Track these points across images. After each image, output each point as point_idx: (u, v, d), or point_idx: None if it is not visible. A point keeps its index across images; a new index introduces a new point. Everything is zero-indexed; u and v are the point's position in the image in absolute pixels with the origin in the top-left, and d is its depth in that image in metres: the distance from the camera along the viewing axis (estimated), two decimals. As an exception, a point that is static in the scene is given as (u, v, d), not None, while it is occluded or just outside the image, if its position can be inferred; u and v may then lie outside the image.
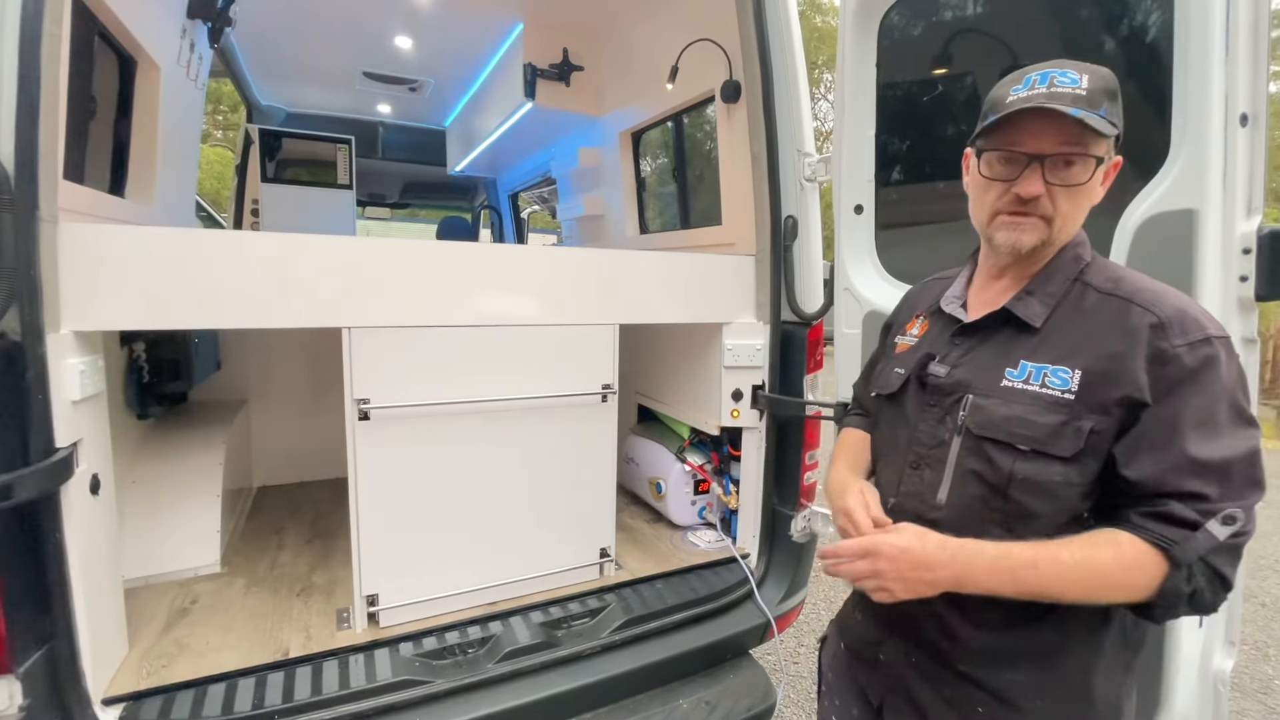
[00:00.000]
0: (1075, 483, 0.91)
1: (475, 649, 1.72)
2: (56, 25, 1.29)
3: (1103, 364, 0.89)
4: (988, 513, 0.96)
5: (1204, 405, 0.85)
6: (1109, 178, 0.96)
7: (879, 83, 1.90)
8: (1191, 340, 0.86)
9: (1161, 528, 0.85)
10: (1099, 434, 0.89)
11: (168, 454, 2.19)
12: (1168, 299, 0.90)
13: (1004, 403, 0.95)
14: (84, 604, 1.35)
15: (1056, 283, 0.98)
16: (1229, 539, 0.83)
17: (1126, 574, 0.85)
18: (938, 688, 1.02)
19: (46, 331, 1.27)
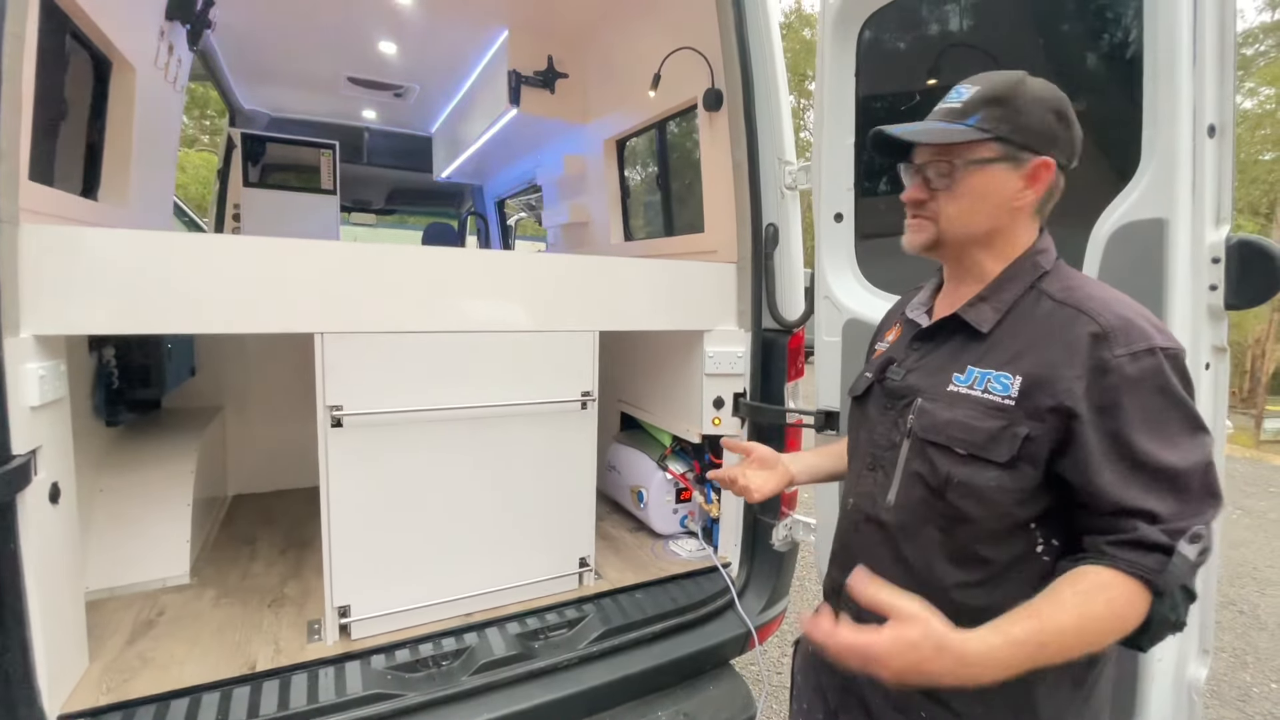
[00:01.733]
0: (1009, 488, 0.91)
1: (450, 661, 1.68)
2: (19, 26, 1.26)
3: (1041, 370, 0.90)
4: (928, 514, 0.98)
5: (1152, 416, 0.85)
6: (1038, 178, 0.96)
7: (858, 92, 1.92)
8: (1134, 350, 0.85)
9: (1138, 556, 0.83)
10: (1034, 440, 0.89)
11: (138, 462, 2.14)
12: (1114, 308, 0.90)
13: (947, 406, 0.97)
14: (40, 616, 1.31)
15: (1011, 290, 0.98)
16: (1198, 557, 0.82)
17: (1121, 620, 0.82)
18: (886, 693, 1.02)
19: (4, 335, 1.23)
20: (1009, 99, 0.95)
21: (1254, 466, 7.41)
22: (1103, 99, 1.51)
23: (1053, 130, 0.95)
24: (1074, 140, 0.97)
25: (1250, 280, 1.17)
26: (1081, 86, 1.56)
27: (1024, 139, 0.94)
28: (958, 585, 0.96)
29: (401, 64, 3.76)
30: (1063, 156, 0.97)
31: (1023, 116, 0.94)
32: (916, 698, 0.99)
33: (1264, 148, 13.64)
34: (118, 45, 2.10)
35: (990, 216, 0.98)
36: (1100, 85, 1.52)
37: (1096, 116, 1.54)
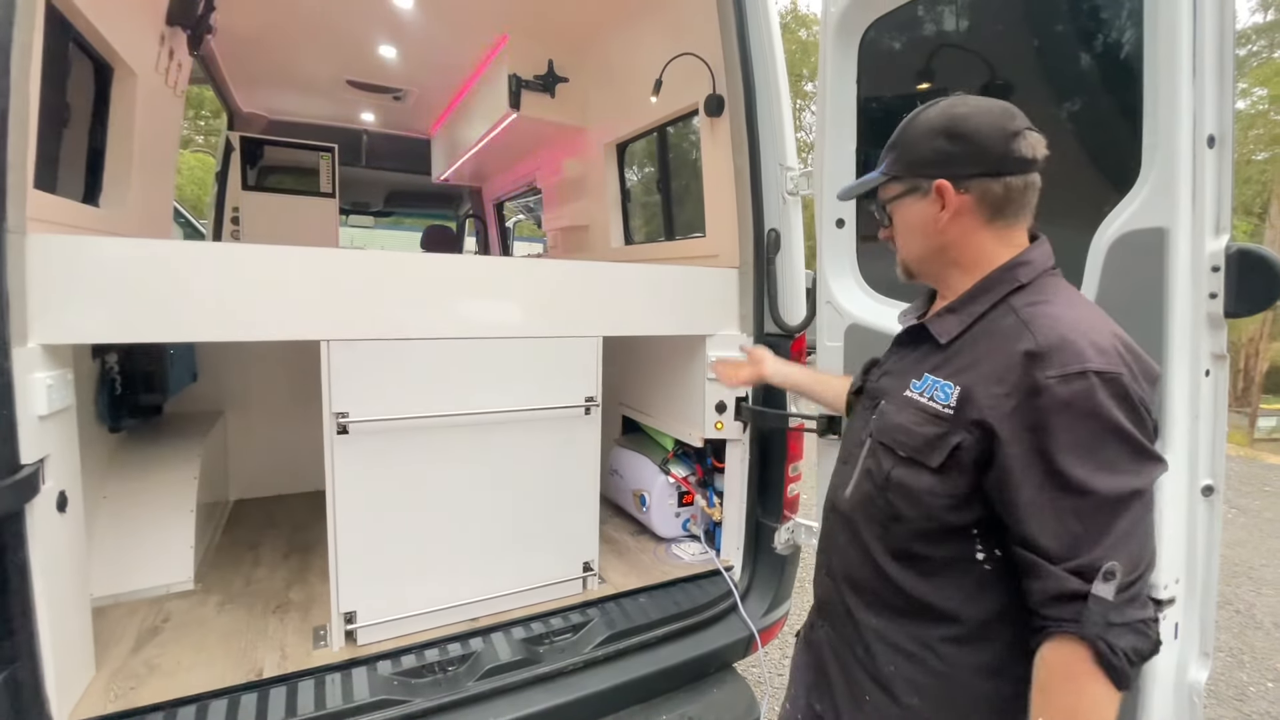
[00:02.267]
0: (939, 493, 0.94)
1: (455, 666, 1.69)
2: (27, 34, 1.27)
3: (975, 384, 0.92)
4: (871, 509, 1.04)
5: (1080, 442, 0.83)
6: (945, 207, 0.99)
7: (860, 97, 1.93)
8: (1066, 372, 0.83)
9: (1056, 610, 0.83)
10: (963, 450, 0.91)
11: (141, 468, 2.14)
12: (1059, 327, 0.88)
13: (899, 410, 1.02)
14: (48, 625, 1.31)
15: (982, 302, 0.99)
16: (1118, 594, 0.80)
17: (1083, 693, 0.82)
18: (844, 668, 1.10)
19: (13, 345, 1.24)
20: (899, 140, 1.05)
21: (1248, 465, 7.46)
22: (1102, 106, 1.53)
23: (943, 152, 0.99)
24: (978, 149, 0.97)
25: (1250, 288, 1.19)
26: (1080, 93, 1.58)
27: (914, 170, 1.02)
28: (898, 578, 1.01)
29: (401, 67, 3.76)
30: (969, 168, 0.97)
31: (910, 151, 1.02)
32: (867, 684, 1.05)
33: (1257, 148, 13.72)
34: (120, 51, 2.10)
35: (925, 241, 1.04)
36: (1099, 92, 1.53)
37: (1095, 123, 1.56)
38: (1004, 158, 0.96)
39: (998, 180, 0.97)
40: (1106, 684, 0.81)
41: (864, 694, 1.05)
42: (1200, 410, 1.25)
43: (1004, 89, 1.70)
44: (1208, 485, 1.28)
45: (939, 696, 0.97)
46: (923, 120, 1.02)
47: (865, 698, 1.05)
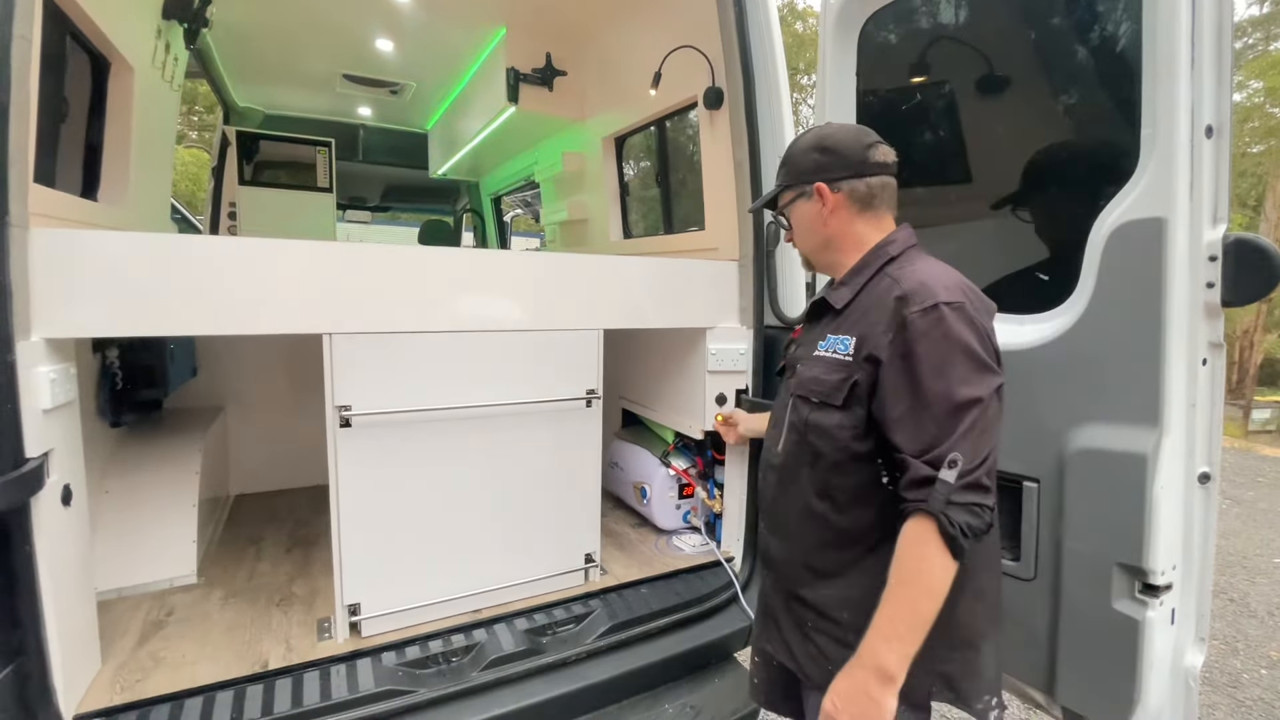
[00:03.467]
0: (845, 426, 1.16)
1: (459, 657, 1.70)
2: (27, 28, 1.26)
3: (866, 330, 1.15)
4: (800, 454, 1.24)
5: (929, 360, 1.05)
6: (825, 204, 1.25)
7: (859, 90, 1.93)
8: (924, 306, 1.07)
9: (911, 493, 1.05)
10: (859, 385, 1.14)
11: (142, 463, 2.14)
12: (917, 275, 1.13)
13: (810, 367, 1.24)
14: (55, 618, 1.32)
15: (864, 274, 1.24)
16: (959, 481, 1.01)
17: (926, 553, 1.02)
18: (787, 608, 1.29)
19: (16, 339, 1.24)
20: (788, 159, 1.33)
21: (1242, 457, 7.51)
22: (1099, 98, 1.54)
23: (816, 163, 1.26)
24: (843, 157, 1.24)
25: (1246, 278, 1.20)
26: (1077, 85, 1.59)
27: (798, 179, 1.29)
28: (809, 514, 1.22)
29: (398, 61, 3.74)
30: (838, 172, 1.24)
31: (793, 165, 1.31)
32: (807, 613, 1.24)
33: (1252, 140, 13.75)
34: (116, 45, 2.09)
35: (815, 234, 1.30)
36: (1096, 84, 1.54)
37: (1092, 114, 1.57)
38: (864, 163, 1.24)
39: (861, 180, 1.24)
40: (944, 551, 1.01)
41: (805, 621, 1.25)
42: (1197, 399, 1.26)
43: (1001, 81, 1.71)
44: (1204, 473, 1.30)
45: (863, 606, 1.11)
46: (801, 142, 1.32)
47: (808, 624, 1.24)
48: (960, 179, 1.87)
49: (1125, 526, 1.29)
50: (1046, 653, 1.46)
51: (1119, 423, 1.31)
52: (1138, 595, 1.31)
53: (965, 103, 1.79)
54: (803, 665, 1.26)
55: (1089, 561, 1.37)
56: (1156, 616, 1.28)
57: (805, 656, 1.25)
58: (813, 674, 1.24)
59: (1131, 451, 1.28)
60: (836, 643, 1.19)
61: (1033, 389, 1.45)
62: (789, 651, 1.29)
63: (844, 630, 1.18)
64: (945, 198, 1.91)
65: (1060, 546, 1.43)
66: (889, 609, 1.04)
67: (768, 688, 1.45)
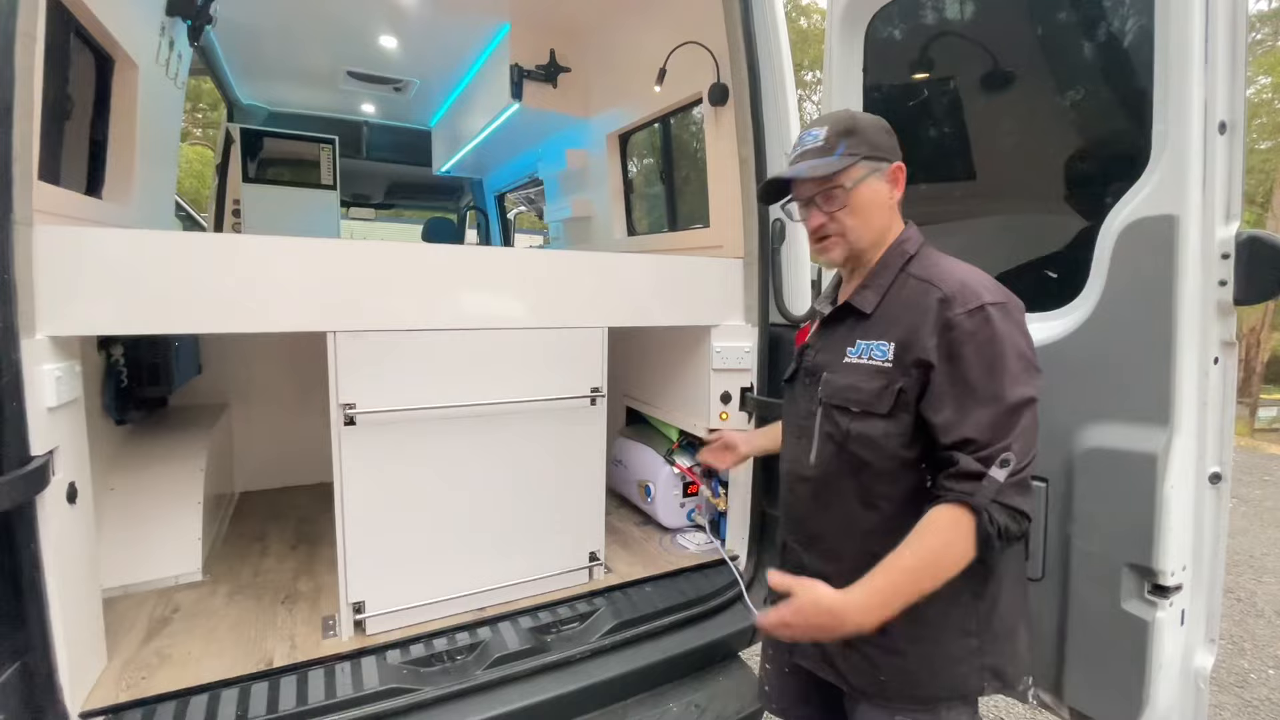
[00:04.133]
0: (893, 434, 1.12)
1: (464, 655, 1.70)
2: (31, 25, 1.26)
3: (907, 335, 1.11)
4: (839, 467, 1.19)
5: (981, 361, 1.04)
6: (897, 179, 1.21)
7: (865, 85, 1.92)
8: (970, 308, 1.06)
9: (957, 484, 1.03)
10: (905, 392, 1.10)
11: (147, 460, 2.14)
12: (954, 276, 1.11)
13: (843, 374, 1.19)
14: (60, 616, 1.32)
15: (886, 275, 1.20)
16: (1009, 479, 1.00)
17: (953, 543, 1.01)
18: None
19: (21, 337, 1.24)
20: (857, 129, 1.20)
21: (1249, 455, 7.47)
22: (1107, 94, 1.52)
23: (891, 143, 1.21)
24: (897, 147, 1.22)
25: (1259, 276, 1.19)
26: (1086, 81, 1.57)
27: (879, 153, 1.19)
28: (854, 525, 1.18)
29: (402, 58, 3.73)
30: (897, 157, 1.21)
31: (870, 137, 1.19)
32: None
33: (1260, 137, 13.66)
34: (120, 42, 2.09)
35: (881, 218, 1.21)
36: (1105, 80, 1.52)
37: (1101, 111, 1.55)
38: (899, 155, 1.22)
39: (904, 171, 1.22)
40: (972, 546, 1.01)
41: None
42: (1209, 398, 1.25)
43: (1008, 77, 1.69)
44: (1215, 473, 1.28)
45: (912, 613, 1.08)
46: (866, 117, 1.23)
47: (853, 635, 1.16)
48: (967, 175, 1.86)
49: (1135, 526, 1.28)
50: (1054, 653, 1.45)
51: (1129, 422, 1.30)
52: (1147, 596, 1.29)
53: (972, 99, 1.78)
54: (847, 676, 1.22)
55: (1098, 562, 1.36)
56: (1166, 617, 1.27)
57: (850, 668, 1.21)
58: (858, 683, 1.20)
59: (1142, 451, 1.26)
60: (887, 652, 1.15)
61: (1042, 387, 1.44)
62: (828, 664, 1.24)
63: (894, 639, 1.13)
64: (952, 194, 1.89)
65: (1069, 546, 1.41)
66: (892, 578, 1.02)
67: (779, 694, 1.44)
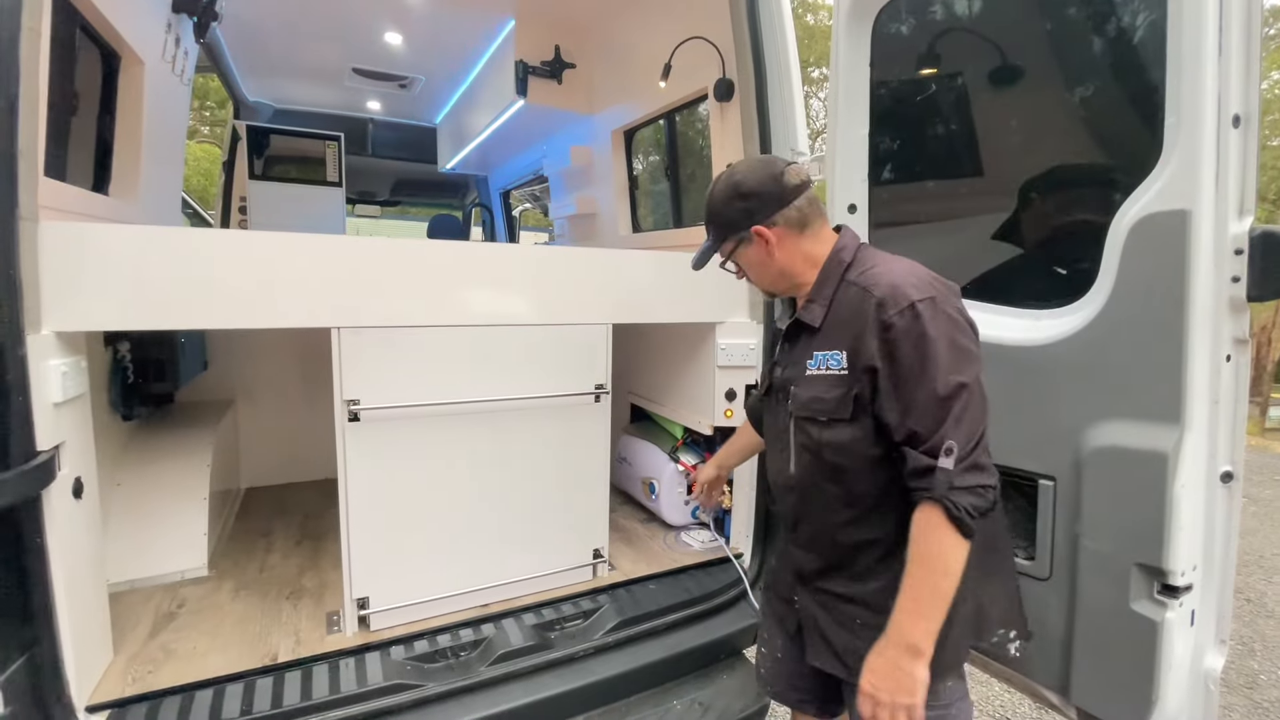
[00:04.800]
0: (859, 437, 1.18)
1: (467, 652, 1.70)
2: (36, 20, 1.26)
3: (855, 342, 1.17)
4: (818, 474, 1.26)
5: (915, 357, 1.09)
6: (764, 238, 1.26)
7: (872, 81, 1.90)
8: (900, 308, 1.11)
9: (916, 482, 1.09)
10: (861, 396, 1.16)
11: (154, 456, 2.15)
12: (886, 278, 1.16)
13: (807, 387, 1.25)
14: (67, 610, 1.32)
15: (828, 287, 1.26)
16: (958, 465, 1.06)
17: (940, 539, 1.07)
18: (831, 613, 1.30)
19: (27, 332, 1.24)
20: (710, 216, 1.33)
21: (1259, 455, 7.40)
22: (1117, 89, 1.50)
23: (743, 210, 1.27)
24: (764, 196, 1.25)
25: (1273, 272, 1.17)
26: (1095, 76, 1.55)
27: (733, 231, 1.30)
28: (843, 524, 1.25)
29: (407, 55, 3.73)
30: (766, 211, 1.25)
31: (721, 219, 1.31)
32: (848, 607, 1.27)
33: (1272, 134, 13.51)
34: (127, 39, 2.09)
35: (769, 270, 1.31)
36: (1115, 74, 1.50)
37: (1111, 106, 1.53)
38: (782, 192, 1.26)
39: (789, 208, 1.26)
40: (954, 533, 1.06)
41: (855, 618, 1.26)
42: (1220, 396, 1.23)
43: (1017, 72, 1.67)
44: (1227, 472, 1.26)
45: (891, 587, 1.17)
46: (717, 195, 1.32)
47: (857, 620, 1.26)
48: (974, 172, 1.84)
49: (1145, 526, 1.26)
50: (1061, 653, 1.44)
51: (1139, 420, 1.28)
52: (1156, 596, 1.28)
53: (981, 94, 1.76)
54: (849, 665, 1.25)
55: (1107, 561, 1.34)
56: (1176, 618, 1.26)
57: (853, 655, 1.23)
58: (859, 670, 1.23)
59: (1152, 450, 1.25)
60: None
61: (1049, 386, 1.43)
62: (833, 655, 1.29)
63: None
64: (958, 191, 1.87)
65: (1077, 546, 1.40)
66: (911, 590, 1.09)
67: (774, 678, 1.52)
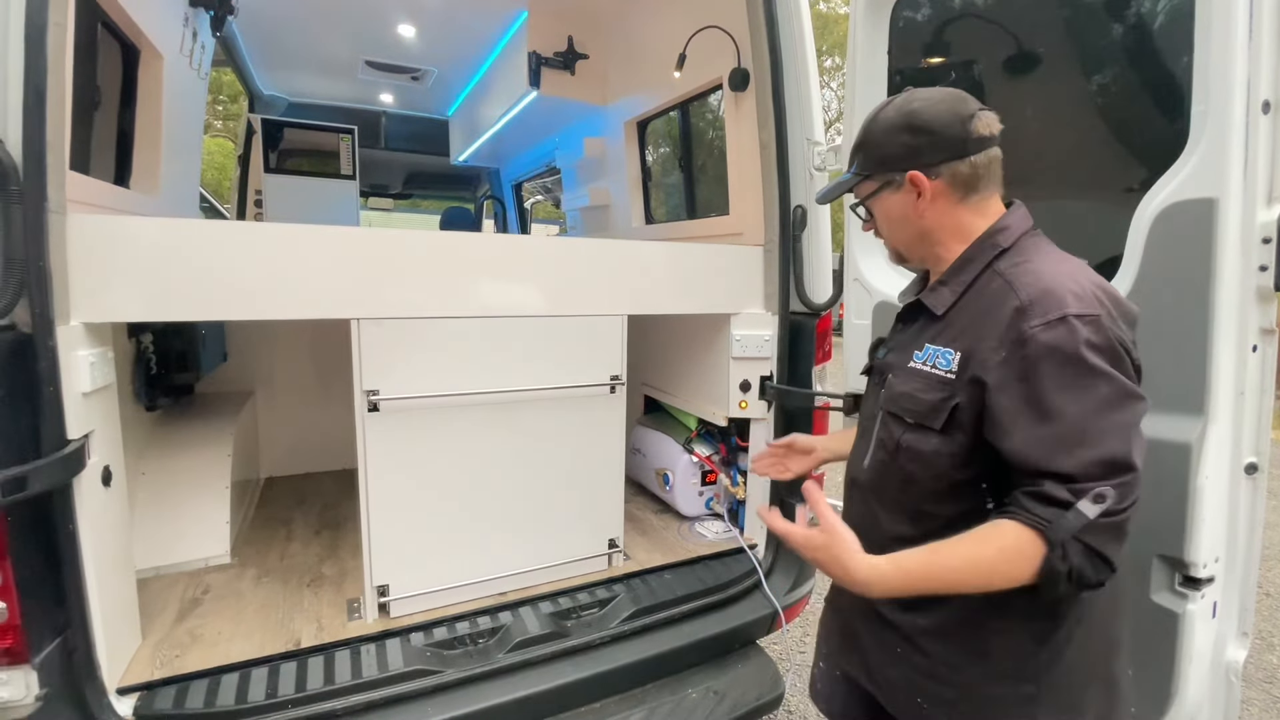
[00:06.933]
0: (944, 453, 1.01)
1: (485, 639, 1.73)
2: (61, 15, 1.27)
3: (972, 345, 0.99)
4: (888, 475, 1.11)
5: (1064, 381, 0.89)
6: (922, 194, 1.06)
7: (889, 70, 1.88)
8: (1048, 319, 0.90)
9: (1038, 507, 0.89)
10: (962, 410, 0.98)
11: (176, 446, 2.19)
12: (1041, 281, 0.95)
13: (905, 380, 1.09)
14: (97, 595, 1.36)
15: (969, 271, 1.06)
16: (1100, 517, 0.86)
17: (1010, 565, 0.90)
18: (871, 629, 1.18)
19: (56, 323, 1.26)
20: (864, 142, 1.12)
21: (1278, 448, 7.28)
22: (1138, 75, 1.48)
23: (908, 146, 1.06)
24: (940, 137, 1.04)
25: (1303, 261, 1.15)
26: (1115, 63, 1.52)
27: (886, 167, 1.09)
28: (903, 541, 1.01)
29: (420, 46, 3.73)
30: (936, 156, 1.04)
31: (878, 150, 1.10)
32: (896, 639, 1.13)
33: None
34: (146, 33, 2.11)
35: (908, 228, 1.11)
36: (1135, 61, 1.47)
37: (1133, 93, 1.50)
38: (964, 140, 1.03)
39: (963, 161, 1.04)
40: (1029, 575, 0.89)
41: (895, 646, 1.13)
42: (1246, 387, 1.22)
43: (1033, 60, 1.65)
44: (1251, 463, 1.25)
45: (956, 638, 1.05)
46: (883, 119, 1.10)
47: (896, 650, 1.13)
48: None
49: (1167, 518, 1.26)
50: (1080, 644, 1.43)
51: (1162, 411, 1.26)
52: (1178, 588, 1.27)
53: (999, 82, 1.74)
54: (884, 691, 1.18)
55: (1127, 553, 1.33)
56: (1197, 610, 1.25)
57: (888, 683, 1.17)
58: (892, 702, 1.17)
59: (1175, 441, 1.24)
60: (925, 676, 1.10)
61: (1070, 376, 1.41)
62: (870, 674, 1.21)
63: (934, 664, 1.08)
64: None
65: (1096, 537, 1.39)
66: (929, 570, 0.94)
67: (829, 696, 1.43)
